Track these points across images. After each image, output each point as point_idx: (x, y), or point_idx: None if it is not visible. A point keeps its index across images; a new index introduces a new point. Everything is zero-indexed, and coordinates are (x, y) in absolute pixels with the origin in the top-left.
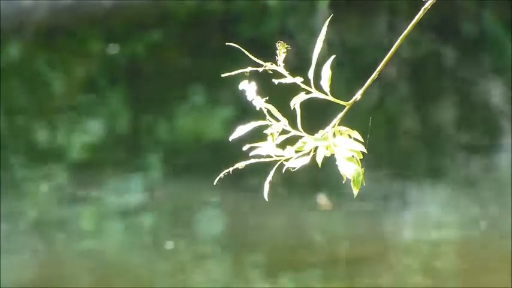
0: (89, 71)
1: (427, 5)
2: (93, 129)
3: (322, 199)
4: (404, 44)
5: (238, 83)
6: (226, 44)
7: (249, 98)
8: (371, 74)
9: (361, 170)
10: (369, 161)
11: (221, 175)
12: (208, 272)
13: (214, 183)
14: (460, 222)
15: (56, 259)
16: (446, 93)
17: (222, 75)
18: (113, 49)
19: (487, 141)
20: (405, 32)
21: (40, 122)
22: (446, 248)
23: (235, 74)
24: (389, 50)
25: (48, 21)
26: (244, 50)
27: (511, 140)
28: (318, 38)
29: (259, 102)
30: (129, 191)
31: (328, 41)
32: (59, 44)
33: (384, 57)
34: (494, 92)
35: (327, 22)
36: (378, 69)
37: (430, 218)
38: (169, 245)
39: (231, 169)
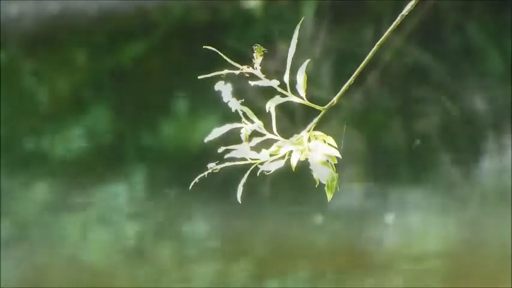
0: (73, 81)
1: (405, 11)
2: (77, 139)
3: None
4: (390, 55)
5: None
6: (204, 47)
7: (225, 99)
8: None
9: (335, 175)
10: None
11: (196, 179)
12: (193, 280)
13: (190, 188)
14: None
15: (41, 266)
16: (430, 103)
17: (199, 77)
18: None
19: (471, 151)
20: (382, 38)
21: (24, 131)
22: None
23: (214, 76)
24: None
25: (32, 31)
26: (222, 55)
27: (497, 150)
28: (292, 41)
29: (235, 104)
30: (114, 200)
31: (314, 48)
32: (44, 54)
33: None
34: (479, 102)
35: (298, 26)
36: (354, 74)
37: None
38: (156, 253)
39: (205, 173)
